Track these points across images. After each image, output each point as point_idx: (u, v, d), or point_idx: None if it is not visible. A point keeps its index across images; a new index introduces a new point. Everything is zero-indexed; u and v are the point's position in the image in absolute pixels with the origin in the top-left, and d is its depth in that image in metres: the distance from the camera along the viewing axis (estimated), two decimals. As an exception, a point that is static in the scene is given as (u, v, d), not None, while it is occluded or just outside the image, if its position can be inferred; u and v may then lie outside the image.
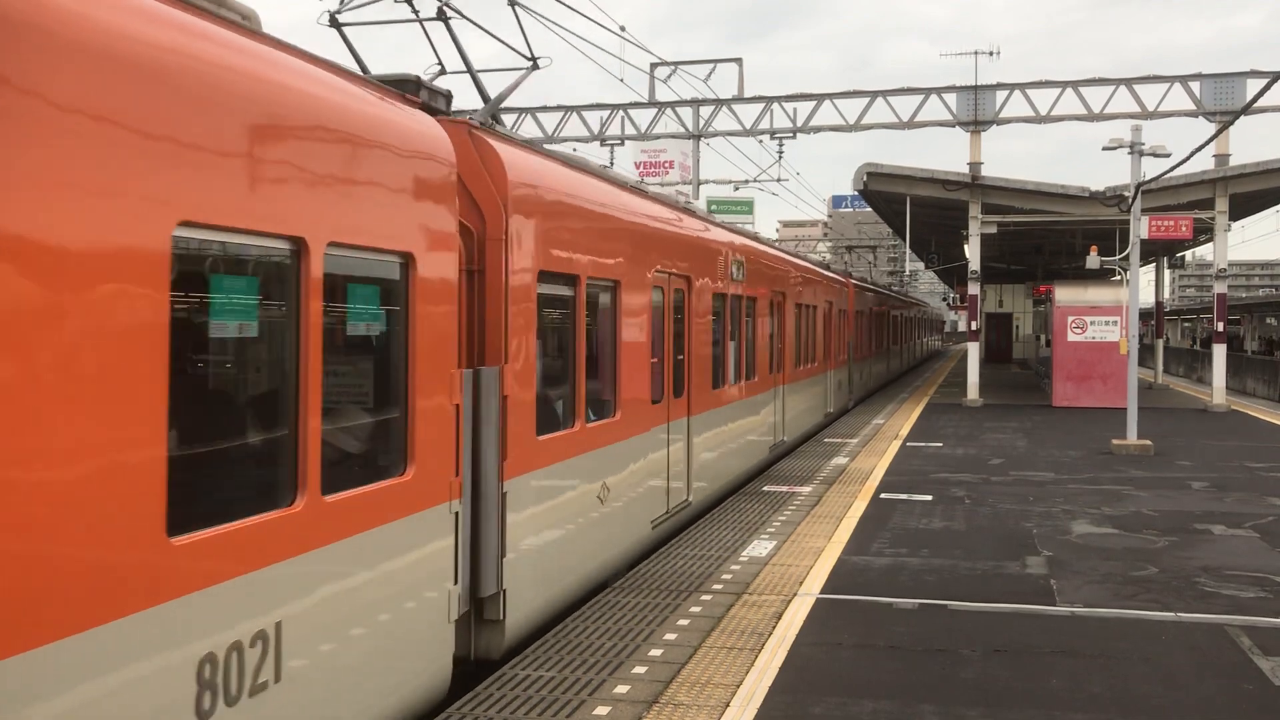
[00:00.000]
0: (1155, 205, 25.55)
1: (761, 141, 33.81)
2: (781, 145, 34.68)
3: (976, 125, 29.82)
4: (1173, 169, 18.40)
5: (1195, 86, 28.85)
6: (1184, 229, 23.76)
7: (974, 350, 29.99)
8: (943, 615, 8.34)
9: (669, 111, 33.22)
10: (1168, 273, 42.29)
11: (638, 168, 39.03)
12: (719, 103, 32.62)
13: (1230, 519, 12.42)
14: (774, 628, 7.87)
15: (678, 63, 31.40)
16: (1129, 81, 29.37)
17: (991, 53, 37.97)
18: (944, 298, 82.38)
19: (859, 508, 12.84)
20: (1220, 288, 27.95)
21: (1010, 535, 11.40)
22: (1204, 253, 69.29)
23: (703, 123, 33.20)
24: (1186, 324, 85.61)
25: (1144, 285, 39.70)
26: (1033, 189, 28.04)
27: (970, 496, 13.88)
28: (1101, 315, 27.56)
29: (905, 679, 6.85)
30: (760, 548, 10.51)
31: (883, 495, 13.79)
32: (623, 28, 22.85)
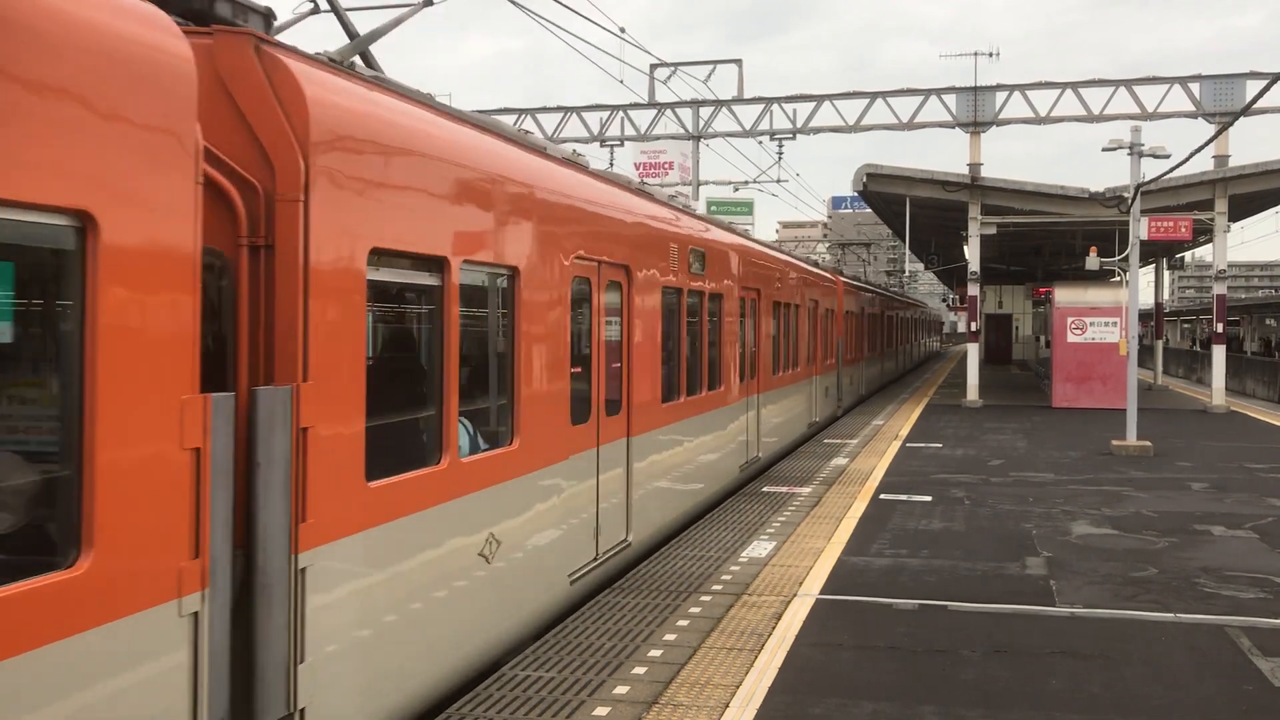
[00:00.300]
0: (1155, 206, 25.56)
1: (761, 142, 33.87)
2: (781, 146, 34.73)
3: (976, 126, 29.83)
4: (1172, 170, 18.44)
5: (1195, 88, 28.87)
6: (1183, 230, 23.77)
7: (973, 351, 30.00)
8: (943, 616, 8.34)
9: (669, 112, 33.24)
10: (1167, 274, 42.31)
11: (638, 169, 39.03)
12: (719, 104, 32.63)
13: (1230, 520, 12.42)
14: (774, 628, 7.87)
15: (677, 64, 31.45)
16: (1128, 83, 29.39)
17: (991, 54, 38.15)
18: (943, 298, 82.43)
19: (859, 508, 12.84)
20: (1220, 289, 27.95)
21: (1010, 536, 11.40)
22: (1203, 254, 69.34)
23: (702, 124, 33.21)
24: (1186, 325, 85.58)
25: (1144, 286, 39.71)
26: (1032, 190, 28.06)
27: (970, 497, 13.88)
28: (1101, 316, 27.56)
29: (905, 679, 6.85)
30: (760, 548, 10.51)
31: (882, 496, 13.79)
32: (622, 29, 22.86)
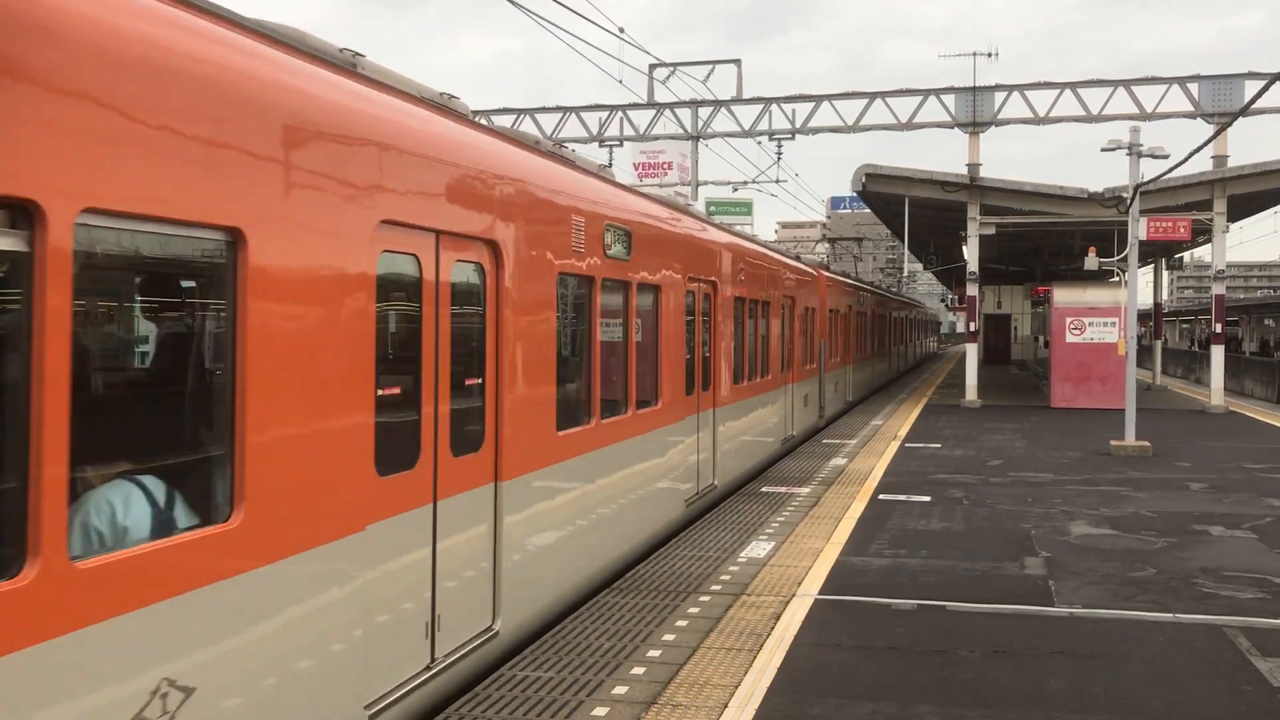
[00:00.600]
0: (1154, 206, 25.57)
1: (760, 143, 33.82)
2: (780, 146, 34.67)
3: (975, 126, 29.81)
4: (1171, 170, 18.44)
5: (1194, 88, 28.86)
6: (1182, 230, 23.78)
7: (972, 351, 30.01)
8: (941, 616, 8.34)
9: (668, 113, 33.21)
10: (1166, 274, 42.31)
11: (636, 169, 39.05)
12: (718, 104, 32.62)
13: (1228, 520, 12.42)
14: (772, 628, 7.87)
15: (676, 64, 31.42)
16: (1127, 83, 29.38)
17: (990, 54, 37.93)
18: (942, 298, 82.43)
19: (857, 509, 12.84)
20: (1218, 289, 27.97)
21: (1009, 536, 11.40)
22: (1202, 254, 69.43)
23: (701, 124, 33.19)
24: (1185, 325, 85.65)
25: (1142, 286, 39.68)
26: (1031, 190, 28.08)
27: (969, 497, 13.88)
28: (1100, 316, 27.58)
29: (904, 680, 6.85)
30: (759, 549, 10.51)
31: (881, 496, 13.79)
32: (621, 29, 22.86)
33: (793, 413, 19.23)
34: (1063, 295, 28.49)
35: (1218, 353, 28.01)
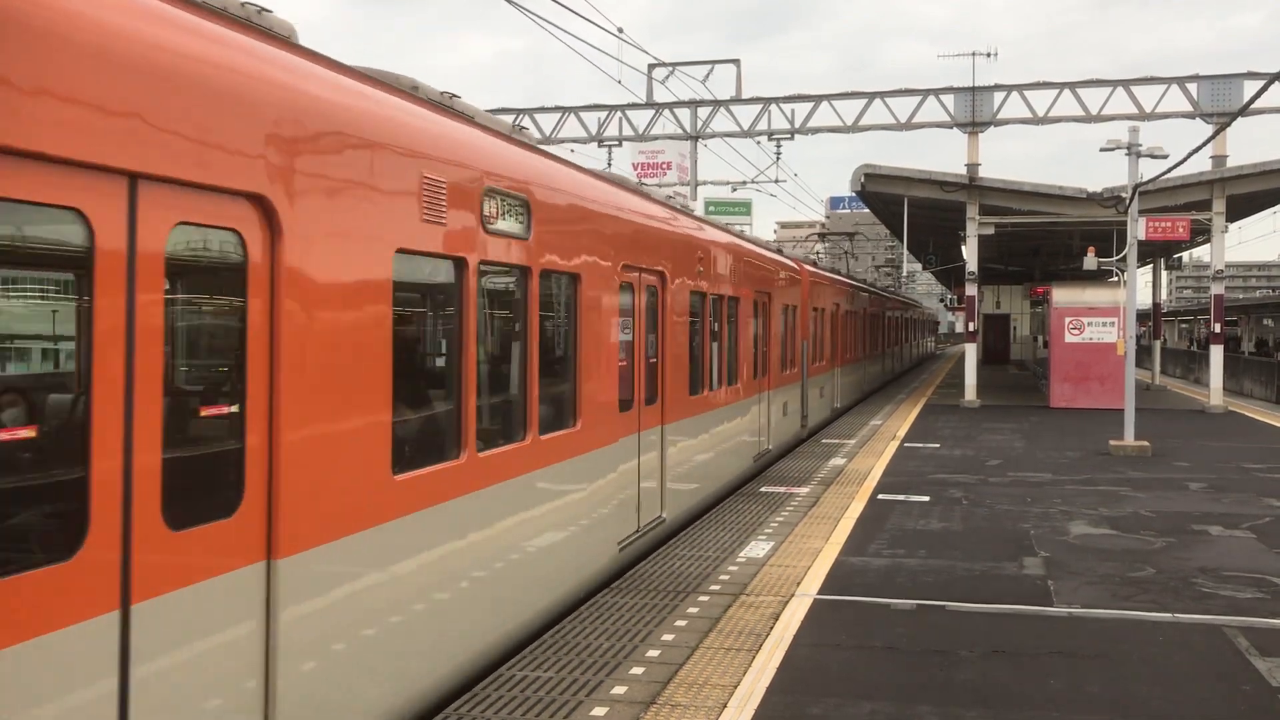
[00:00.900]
0: (1153, 206, 25.58)
1: (760, 143, 33.86)
2: (779, 146, 34.70)
3: (974, 127, 29.83)
4: (1170, 170, 18.45)
5: (1193, 88, 28.88)
6: (1181, 230, 23.79)
7: (971, 351, 30.01)
8: (940, 616, 8.34)
9: (667, 113, 33.23)
10: (1165, 274, 42.34)
11: (635, 169, 39.05)
12: (717, 104, 32.63)
13: (1228, 520, 12.42)
14: (771, 628, 7.87)
15: (675, 64, 31.42)
16: (1126, 83, 29.40)
17: (989, 54, 37.85)
18: (942, 298, 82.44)
19: (856, 508, 12.84)
20: (1217, 289, 27.97)
21: (1008, 536, 11.40)
22: (1201, 254, 69.43)
23: (700, 124, 33.20)
24: (1184, 325, 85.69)
25: (1141, 286, 39.75)
26: (1030, 190, 28.09)
27: (968, 497, 13.88)
28: (1099, 316, 27.58)
29: (903, 680, 6.85)
30: (758, 548, 10.51)
31: (880, 496, 13.79)
32: (620, 29, 22.85)
33: (769, 424, 17.14)
34: (1062, 295, 28.50)
35: (1216, 353, 28.02)
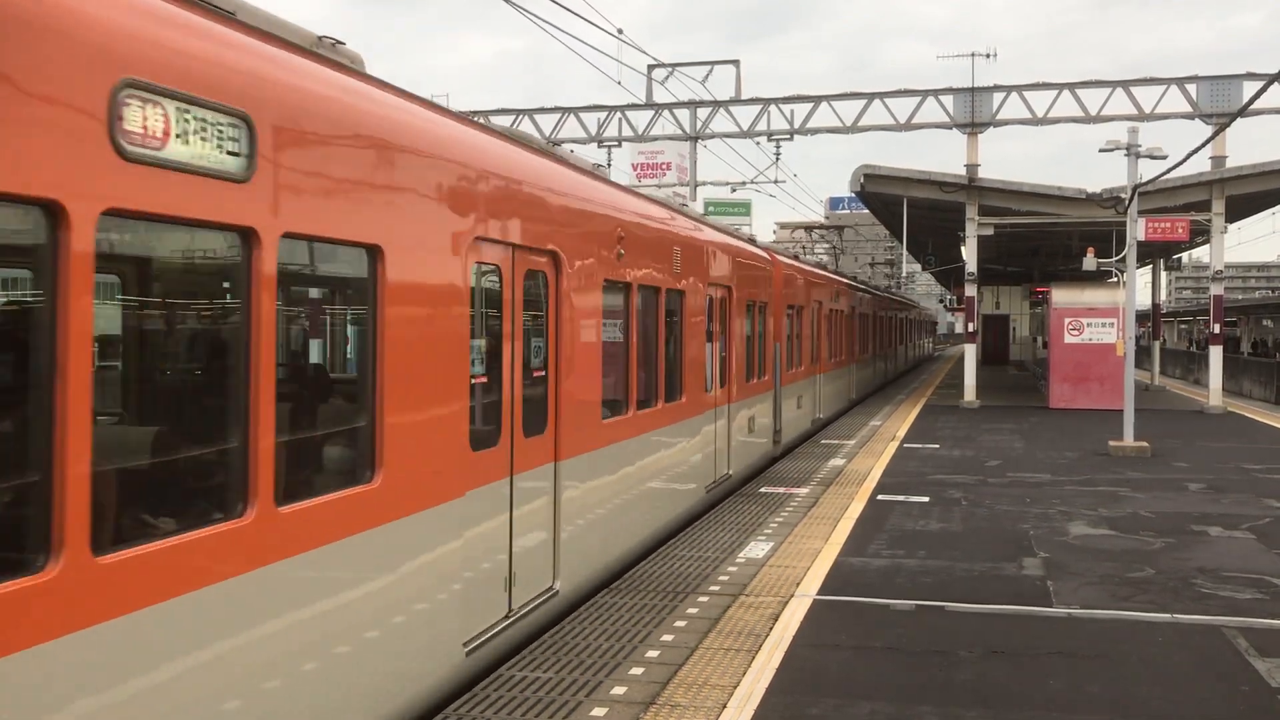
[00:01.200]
0: (1152, 207, 25.58)
1: (759, 143, 33.87)
2: (779, 147, 34.73)
3: (974, 127, 29.84)
4: (1169, 171, 18.46)
5: (1192, 89, 28.89)
6: (1181, 231, 23.80)
7: (971, 352, 30.01)
8: (940, 616, 8.34)
9: (666, 113, 33.24)
10: (1164, 275, 42.34)
11: (635, 169, 39.05)
12: (716, 104, 32.64)
13: (1227, 520, 12.42)
14: (771, 629, 7.87)
15: (675, 64, 31.44)
16: (1126, 84, 29.42)
17: (989, 54, 37.89)
18: (941, 299, 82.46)
19: (856, 509, 12.84)
20: (1217, 289, 27.98)
21: (1007, 537, 11.40)
22: (1201, 255, 69.45)
23: (700, 124, 33.21)
24: (1183, 326, 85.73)
25: (1141, 287, 39.78)
26: (1029, 191, 28.09)
27: (967, 498, 13.88)
28: (1098, 317, 27.59)
29: (903, 680, 6.85)
30: (757, 549, 10.51)
31: (880, 497, 13.79)
32: (620, 30, 22.86)
33: (729, 445, 14.22)
34: (1061, 296, 28.51)
35: (1216, 353, 28.02)
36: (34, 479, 3.72)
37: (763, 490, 14.10)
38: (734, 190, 42.68)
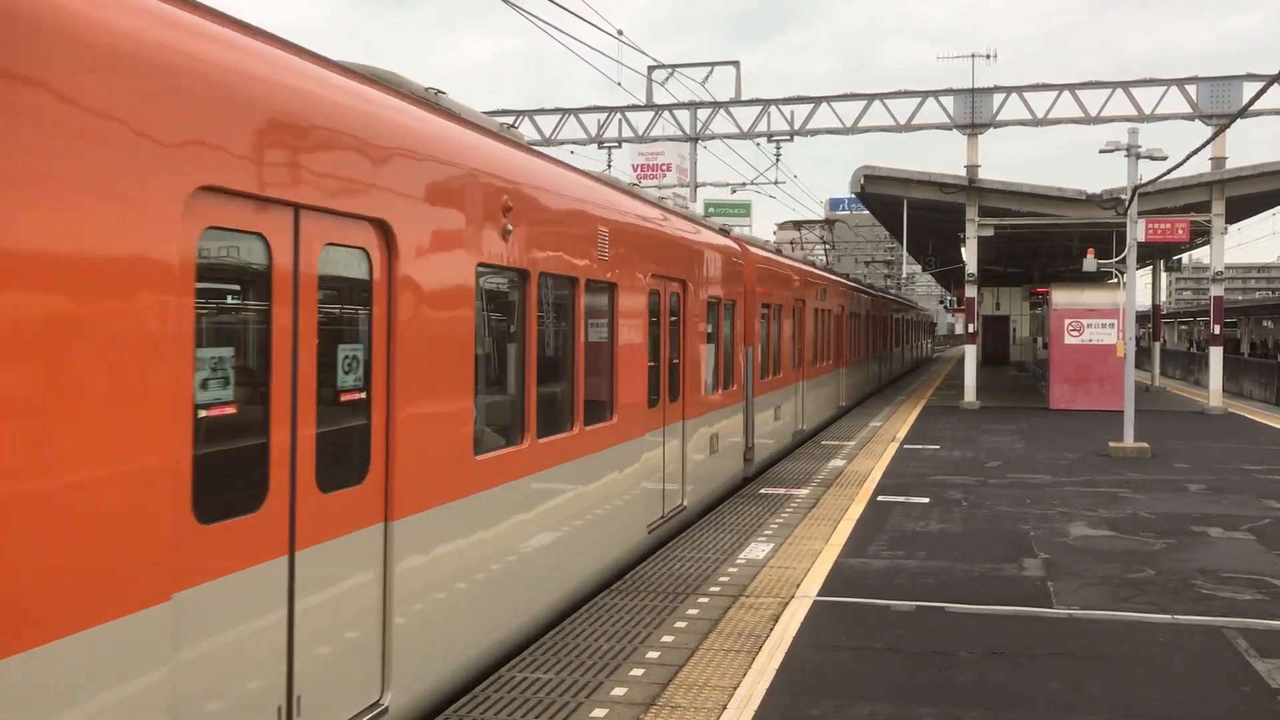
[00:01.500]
0: (1152, 208, 25.58)
1: (759, 144, 33.85)
2: (779, 148, 34.71)
3: (974, 128, 29.83)
4: (1169, 172, 18.45)
5: (1192, 89, 28.88)
6: (1181, 232, 23.79)
7: (971, 353, 30.01)
8: (940, 617, 8.34)
9: (666, 114, 33.24)
10: (1164, 276, 42.34)
11: (635, 170, 39.06)
12: (716, 105, 32.64)
13: (1227, 521, 12.42)
14: (771, 630, 7.87)
15: (675, 65, 31.46)
16: (1126, 84, 29.41)
17: (989, 55, 38.01)
18: (941, 300, 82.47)
19: (856, 510, 12.84)
20: (1217, 290, 27.99)
21: (1007, 537, 11.40)
22: (1201, 255, 69.48)
23: (700, 125, 33.21)
24: (1183, 327, 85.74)
25: (1141, 288, 39.81)
26: (1029, 192, 28.10)
27: (967, 499, 13.88)
28: (1098, 318, 27.59)
29: (903, 681, 6.85)
30: (758, 550, 10.51)
31: (880, 498, 13.79)
32: (620, 31, 22.87)
33: (681, 470, 11.88)
34: (1061, 297, 28.51)
35: (1216, 354, 28.03)
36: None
37: (763, 491, 14.10)
38: (734, 191, 42.71)
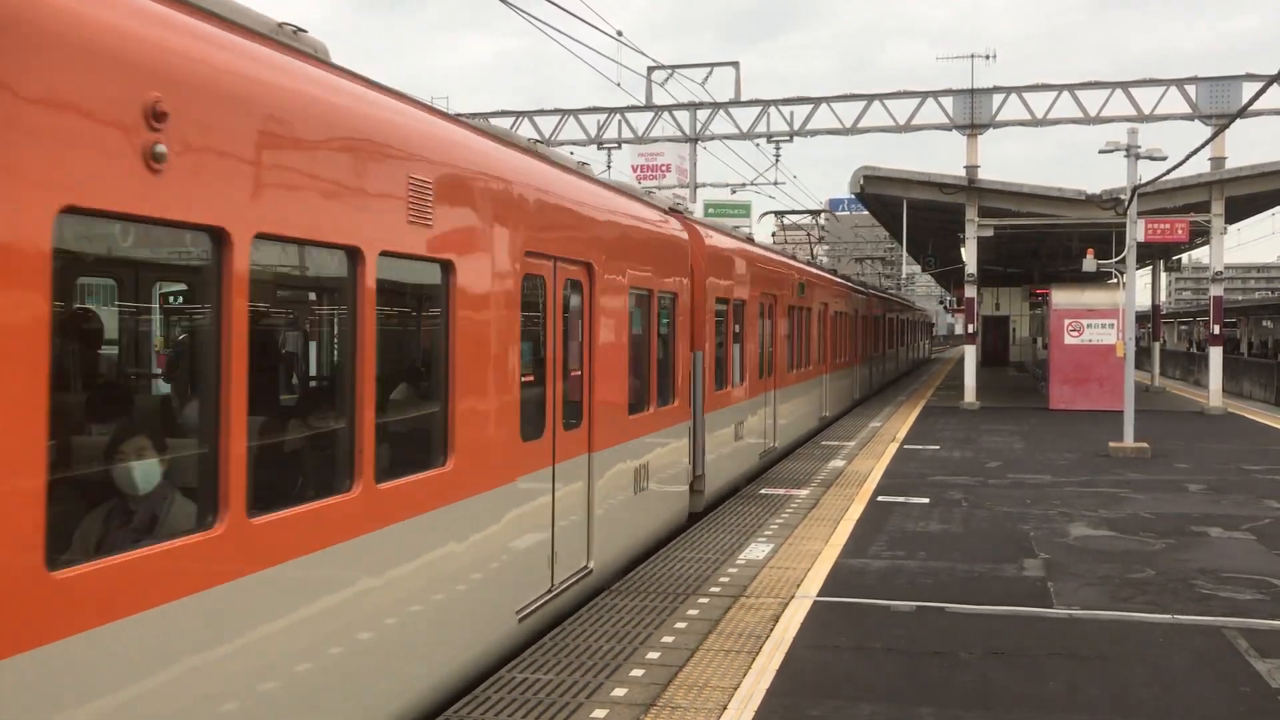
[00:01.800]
0: (1152, 208, 25.58)
1: (759, 145, 33.87)
2: (779, 149, 34.74)
3: (973, 128, 29.83)
4: (1169, 172, 18.46)
5: (1191, 90, 28.88)
6: (1180, 232, 23.81)
7: (971, 353, 30.01)
8: (940, 618, 8.34)
9: (666, 115, 33.23)
10: (1164, 276, 42.36)
11: (635, 171, 39.06)
12: (716, 106, 32.64)
13: (1227, 521, 12.42)
14: (771, 630, 7.86)
15: (674, 66, 31.48)
16: (1125, 85, 29.41)
17: (988, 56, 38.07)
18: (941, 300, 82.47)
19: (856, 510, 12.84)
20: (1216, 290, 27.99)
21: (1007, 538, 11.40)
22: (1200, 256, 69.47)
23: (700, 126, 33.21)
24: (1183, 327, 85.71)
25: (1141, 288, 39.79)
26: (1029, 192, 28.11)
27: (967, 499, 13.88)
28: (1098, 318, 27.59)
29: (903, 681, 6.85)
30: (758, 550, 10.51)
31: (880, 498, 13.79)
32: (620, 32, 22.88)
33: (587, 520, 8.93)
34: (1061, 297, 28.51)
35: (1216, 354, 28.03)
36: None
37: (763, 492, 14.10)
38: (734, 192, 42.75)
